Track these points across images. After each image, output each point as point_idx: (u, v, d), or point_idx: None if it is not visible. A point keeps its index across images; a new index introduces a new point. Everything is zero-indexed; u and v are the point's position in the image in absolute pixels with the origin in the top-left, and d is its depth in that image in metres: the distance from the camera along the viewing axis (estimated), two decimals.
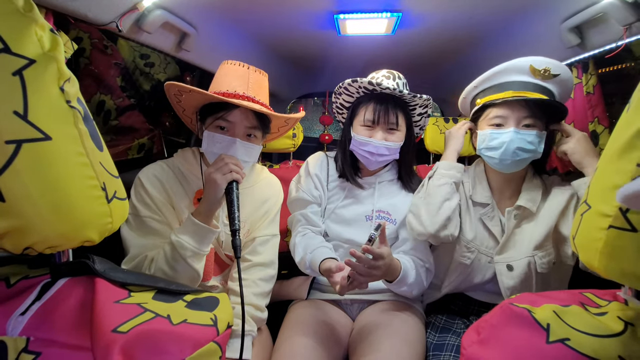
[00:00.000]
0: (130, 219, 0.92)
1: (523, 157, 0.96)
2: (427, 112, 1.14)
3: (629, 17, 0.88)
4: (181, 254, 0.84)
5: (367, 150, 1.09)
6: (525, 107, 0.95)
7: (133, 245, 0.90)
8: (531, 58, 0.95)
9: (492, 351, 0.51)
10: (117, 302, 0.48)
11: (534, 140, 0.95)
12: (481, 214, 1.07)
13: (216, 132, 0.92)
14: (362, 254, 0.85)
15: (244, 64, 0.98)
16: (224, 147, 0.92)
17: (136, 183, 0.95)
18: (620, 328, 0.47)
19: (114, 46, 1.46)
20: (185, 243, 0.85)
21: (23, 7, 0.40)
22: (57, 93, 0.43)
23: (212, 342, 0.50)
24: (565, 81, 0.96)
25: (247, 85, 0.95)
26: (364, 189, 1.19)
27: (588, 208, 0.50)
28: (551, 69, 0.93)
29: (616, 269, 0.45)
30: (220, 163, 0.88)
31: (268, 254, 1.08)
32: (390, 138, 1.09)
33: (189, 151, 1.04)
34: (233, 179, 0.88)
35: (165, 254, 0.86)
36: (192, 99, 0.95)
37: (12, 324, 0.44)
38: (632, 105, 0.45)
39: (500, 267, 1.02)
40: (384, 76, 1.13)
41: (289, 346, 0.94)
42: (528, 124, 0.95)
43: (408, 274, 1.00)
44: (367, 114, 1.09)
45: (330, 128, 2.89)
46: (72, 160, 0.44)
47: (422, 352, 0.97)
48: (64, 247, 0.49)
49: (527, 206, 1.01)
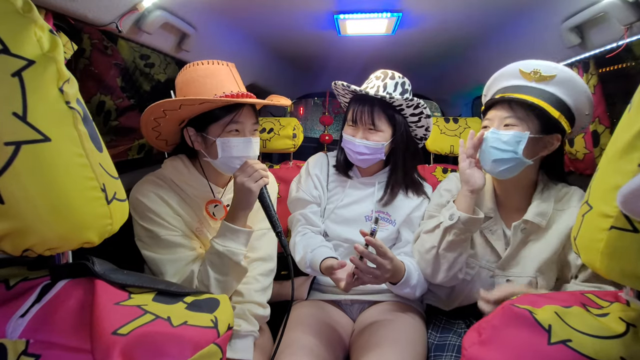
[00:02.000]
0: (148, 242, 0.91)
1: (498, 157, 0.92)
2: (423, 112, 1.12)
3: (629, 16, 0.87)
4: (234, 259, 0.89)
5: (349, 147, 1.14)
6: (507, 108, 0.94)
7: (167, 263, 0.90)
8: (520, 62, 0.95)
9: (494, 352, 0.51)
10: (117, 304, 0.48)
11: (511, 140, 0.90)
12: (483, 227, 1.03)
13: (229, 137, 0.92)
14: (364, 248, 0.87)
15: (219, 61, 0.95)
16: (242, 149, 0.92)
17: (135, 205, 0.91)
18: (622, 329, 0.46)
19: (114, 47, 1.46)
20: (235, 249, 0.90)
21: (22, 8, 0.40)
22: (57, 94, 0.43)
23: (213, 344, 0.50)
24: (568, 81, 0.91)
25: (237, 82, 0.95)
26: (357, 188, 1.20)
27: (589, 209, 0.49)
28: (541, 70, 0.91)
29: (618, 269, 0.45)
30: (250, 170, 0.90)
31: (266, 248, 1.08)
32: (371, 137, 1.10)
33: (177, 160, 0.99)
34: (265, 183, 0.91)
35: (212, 264, 0.89)
36: (183, 112, 0.90)
37: (11, 327, 0.44)
38: (634, 106, 0.45)
39: (500, 281, 1.00)
40: (375, 76, 1.14)
41: (289, 346, 0.94)
42: (508, 123, 0.93)
43: (412, 275, 1.00)
44: (349, 114, 1.13)
45: (330, 128, 2.89)
46: (71, 162, 0.44)
47: (423, 353, 0.97)
48: (64, 249, 0.49)
49: (535, 221, 0.95)
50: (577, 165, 1.29)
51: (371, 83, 1.13)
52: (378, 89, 1.10)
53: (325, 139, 2.73)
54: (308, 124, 3.22)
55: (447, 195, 1.11)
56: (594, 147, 1.18)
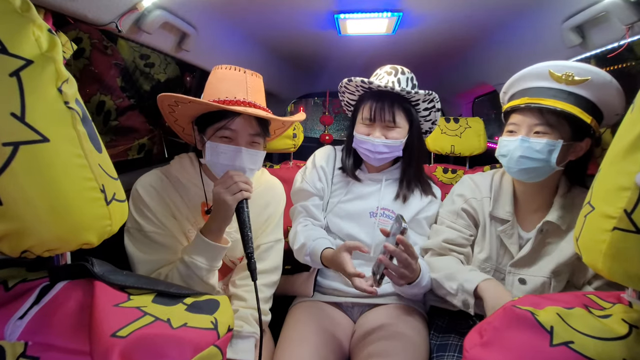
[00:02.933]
0: (134, 233, 0.91)
1: (529, 166, 0.91)
2: (435, 106, 1.12)
3: (631, 16, 0.87)
4: (197, 273, 0.86)
5: (366, 148, 1.10)
6: (537, 115, 0.90)
7: (142, 262, 0.89)
8: (551, 63, 0.89)
9: (495, 354, 0.51)
10: (117, 306, 0.48)
11: (543, 149, 0.88)
12: (499, 231, 1.01)
13: (220, 142, 0.89)
14: (394, 247, 0.84)
15: (239, 67, 0.94)
16: (229, 158, 0.88)
17: (134, 195, 0.92)
18: (624, 331, 0.46)
19: (114, 46, 1.46)
20: (199, 263, 0.85)
21: (20, 7, 0.39)
22: (55, 94, 0.42)
23: (213, 346, 0.49)
24: (602, 85, 0.85)
25: (246, 90, 0.92)
26: (363, 183, 1.18)
27: (592, 209, 0.49)
28: (574, 73, 0.86)
29: (620, 270, 0.45)
30: (229, 182, 0.85)
31: (272, 260, 1.07)
32: (390, 135, 1.08)
33: (186, 158, 1.01)
34: (243, 197, 0.85)
35: (179, 272, 0.86)
36: (189, 109, 0.91)
37: (10, 328, 0.44)
38: (636, 106, 0.44)
39: (512, 279, 0.99)
40: (386, 72, 1.12)
41: (289, 348, 0.94)
42: (539, 131, 0.90)
43: (424, 277, 0.99)
44: (365, 111, 1.09)
45: (330, 128, 2.89)
46: (70, 162, 0.43)
47: (425, 355, 0.97)
48: (63, 250, 0.48)
49: (558, 222, 0.94)
50: None
51: (383, 79, 1.10)
52: (393, 84, 1.09)
53: (326, 138, 2.73)
54: (308, 123, 3.21)
55: (459, 202, 1.10)
56: (595, 147, 1.18)
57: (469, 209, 1.08)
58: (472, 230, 1.09)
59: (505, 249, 1.01)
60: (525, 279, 0.97)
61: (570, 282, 0.96)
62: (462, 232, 1.08)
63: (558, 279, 0.94)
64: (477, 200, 1.08)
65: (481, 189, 1.09)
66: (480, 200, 1.07)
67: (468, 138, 1.74)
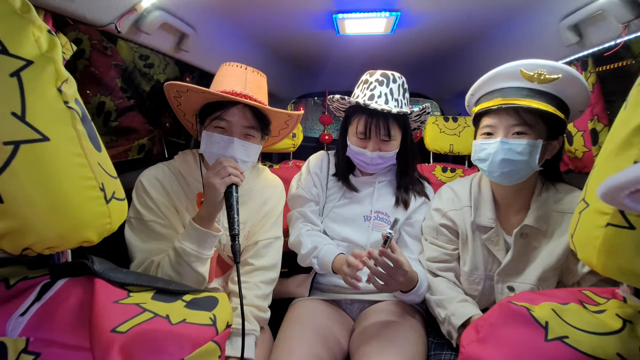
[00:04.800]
0: (134, 223, 0.92)
1: (512, 169, 0.89)
2: (426, 111, 1.13)
3: (627, 14, 0.87)
4: (185, 259, 0.85)
5: (361, 159, 1.11)
6: (514, 115, 0.88)
7: (139, 251, 0.90)
8: (521, 62, 0.87)
9: (491, 349, 0.51)
10: (116, 302, 0.49)
11: (525, 150, 0.86)
12: (484, 239, 0.99)
13: (214, 132, 0.92)
14: (378, 256, 0.86)
15: (243, 65, 0.98)
16: (222, 147, 0.91)
17: (137, 186, 0.95)
18: (618, 326, 0.47)
19: (114, 47, 1.46)
20: (188, 249, 0.85)
21: (20, 9, 0.40)
22: (55, 94, 0.43)
23: (211, 342, 0.50)
24: (571, 82, 0.85)
25: (245, 84, 0.95)
26: (358, 191, 1.19)
27: (586, 206, 0.50)
28: (546, 71, 0.85)
29: (614, 266, 0.45)
30: (218, 167, 0.87)
31: (271, 257, 1.07)
32: (384, 148, 1.09)
33: (189, 153, 1.04)
34: (232, 182, 0.87)
35: (170, 259, 0.87)
36: (191, 101, 0.95)
37: (11, 325, 0.44)
38: (630, 103, 0.45)
39: (501, 287, 0.97)
40: (377, 81, 1.08)
41: (288, 345, 0.94)
42: (519, 131, 0.88)
43: (422, 285, 1.00)
44: (359, 126, 1.08)
45: (330, 128, 2.89)
46: (70, 161, 0.44)
47: (423, 353, 0.97)
48: (63, 248, 0.49)
49: (537, 225, 0.92)
50: (576, 163, 1.29)
51: (375, 90, 1.07)
52: (386, 97, 1.06)
53: (325, 138, 2.73)
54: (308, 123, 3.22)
55: (437, 217, 1.08)
56: (592, 146, 1.18)
57: (447, 223, 1.06)
58: (455, 244, 1.07)
59: (494, 257, 0.99)
60: (514, 286, 0.95)
61: (561, 284, 0.95)
62: (444, 249, 1.06)
63: (544, 285, 0.92)
64: (457, 210, 1.05)
65: (461, 198, 1.06)
66: (461, 209, 1.04)
67: (467, 137, 1.74)
